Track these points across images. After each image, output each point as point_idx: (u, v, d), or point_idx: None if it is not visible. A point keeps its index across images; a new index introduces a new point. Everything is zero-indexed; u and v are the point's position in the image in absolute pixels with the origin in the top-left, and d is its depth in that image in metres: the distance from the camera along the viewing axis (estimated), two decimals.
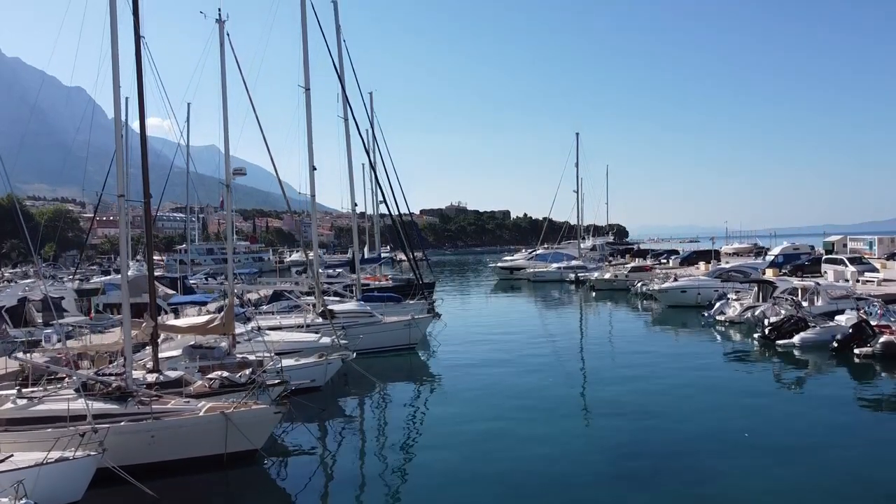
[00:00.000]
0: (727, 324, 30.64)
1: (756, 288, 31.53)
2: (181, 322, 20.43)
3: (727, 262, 55.56)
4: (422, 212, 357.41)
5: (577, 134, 69.98)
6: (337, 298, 32.82)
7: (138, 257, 49.25)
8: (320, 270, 41.49)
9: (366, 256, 56.46)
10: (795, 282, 30.15)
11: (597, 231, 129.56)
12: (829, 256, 43.04)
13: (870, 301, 23.69)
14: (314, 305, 26.64)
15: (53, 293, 30.36)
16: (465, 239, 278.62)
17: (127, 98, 41.06)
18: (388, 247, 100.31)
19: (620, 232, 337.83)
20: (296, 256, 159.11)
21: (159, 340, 17.36)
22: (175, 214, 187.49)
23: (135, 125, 17.74)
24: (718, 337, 29.57)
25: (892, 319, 22.85)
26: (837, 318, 24.91)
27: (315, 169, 26.33)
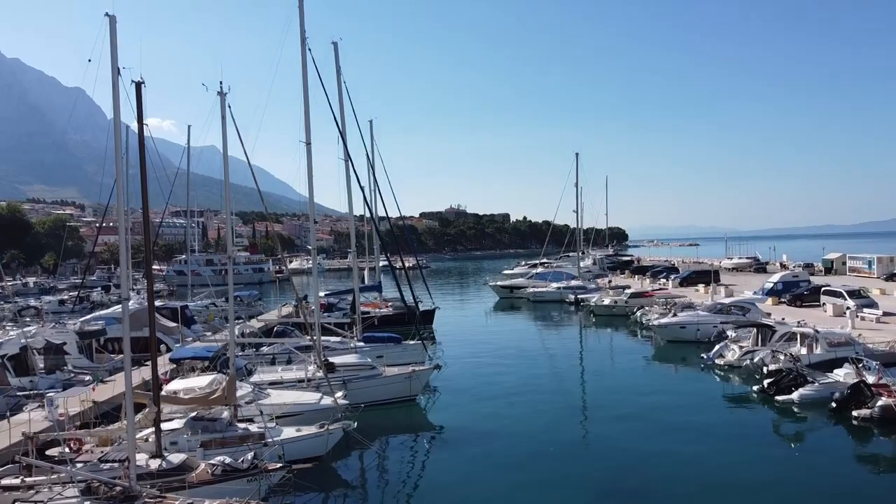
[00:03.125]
0: (726, 367, 30.73)
1: (755, 330, 31.62)
2: (183, 389, 20.55)
3: (725, 286, 55.69)
4: (421, 215, 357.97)
5: (577, 154, 70.08)
6: (337, 339, 32.88)
7: (138, 286, 49.15)
8: (320, 294, 41.65)
9: (365, 282, 56.47)
10: (794, 327, 30.22)
11: (597, 236, 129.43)
12: (828, 288, 43.02)
13: (868, 362, 23.77)
14: (313, 350, 26.64)
15: (55, 338, 30.50)
16: (465, 243, 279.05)
17: (126, 126, 41.15)
18: (387, 254, 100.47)
19: (620, 235, 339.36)
20: (296, 264, 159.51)
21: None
22: (175, 220, 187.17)
23: (135, 125, 17.38)
24: (718, 382, 29.72)
25: (892, 377, 22.94)
26: (836, 371, 24.99)
27: (316, 223, 26.40)
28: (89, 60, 13.08)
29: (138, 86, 15.79)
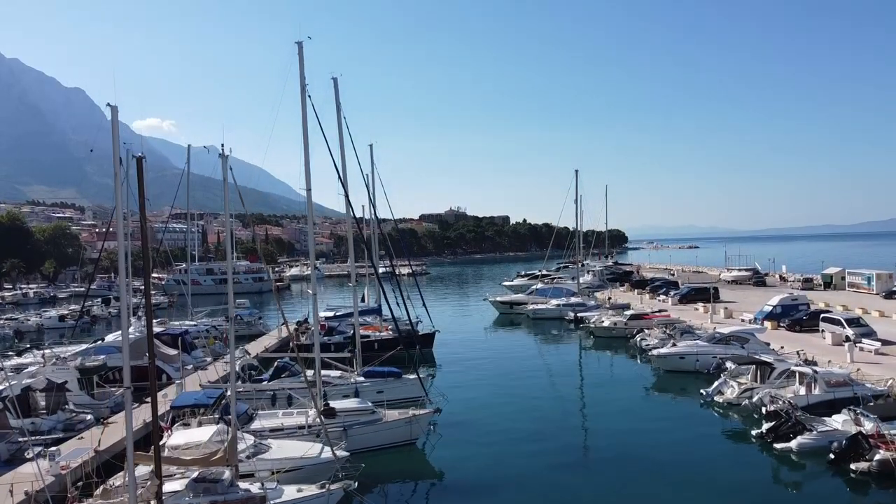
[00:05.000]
0: (725, 405, 30.83)
1: (754, 366, 31.74)
2: (184, 445, 20.65)
3: (725, 306, 55.79)
4: (421, 217, 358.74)
5: (577, 171, 70.10)
6: (337, 374, 32.97)
7: (139, 313, 49.14)
8: (320, 315, 41.72)
9: (365, 300, 56.48)
10: (793, 365, 30.35)
11: (597, 239, 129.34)
12: (827, 315, 43.12)
13: (865, 413, 23.84)
14: (314, 391, 26.68)
15: (57, 376, 30.57)
16: (465, 246, 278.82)
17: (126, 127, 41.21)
18: (387, 261, 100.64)
19: (619, 238, 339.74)
20: (295, 271, 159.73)
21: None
22: (174, 225, 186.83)
23: (135, 125, 17.56)
24: (716, 422, 29.82)
25: (890, 427, 23.04)
26: (835, 418, 25.06)
27: (318, 269, 26.46)
28: (91, 150, 13.15)
29: (139, 161, 15.89)
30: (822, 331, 42.02)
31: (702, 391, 32.22)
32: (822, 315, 43.77)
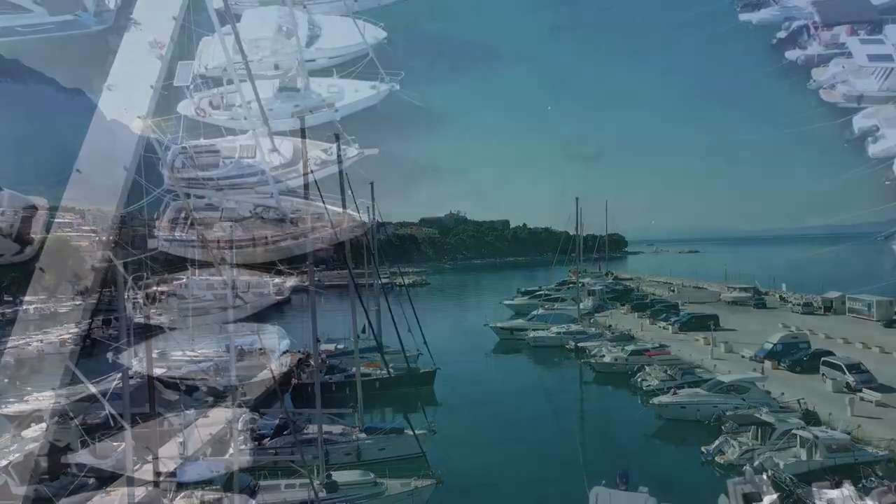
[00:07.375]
0: (727, 466, 30.88)
1: (755, 426, 31.84)
2: None
3: (725, 340, 55.83)
4: (421, 221, 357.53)
5: (577, 199, 70.18)
6: (339, 430, 33.06)
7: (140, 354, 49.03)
8: (319, 347, 41.68)
9: (365, 331, 56.23)
10: (794, 427, 30.43)
11: (597, 243, 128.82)
12: (827, 360, 43.08)
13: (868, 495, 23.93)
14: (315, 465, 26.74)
15: (60, 437, 30.59)
16: (465, 252, 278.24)
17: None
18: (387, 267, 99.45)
19: (619, 242, 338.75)
20: (295, 280, 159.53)
21: None
22: None
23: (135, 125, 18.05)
24: (718, 486, 29.78)
25: None
26: (835, 493, 25.11)
27: (319, 341, 26.55)
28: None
29: None
30: (823, 375, 42.09)
31: (703, 449, 32.31)
32: (822, 358, 43.72)
